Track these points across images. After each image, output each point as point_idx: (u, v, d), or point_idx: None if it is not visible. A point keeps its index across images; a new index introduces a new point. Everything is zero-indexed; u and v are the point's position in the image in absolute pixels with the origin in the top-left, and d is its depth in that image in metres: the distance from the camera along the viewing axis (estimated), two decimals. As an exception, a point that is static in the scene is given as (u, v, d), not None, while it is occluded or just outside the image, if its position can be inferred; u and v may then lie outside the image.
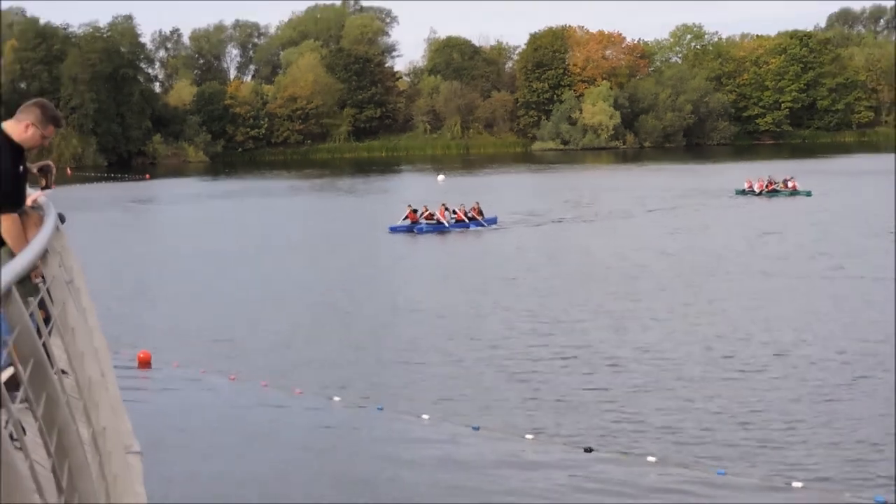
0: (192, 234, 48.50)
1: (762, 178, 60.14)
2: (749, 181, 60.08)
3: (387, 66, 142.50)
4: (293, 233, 47.28)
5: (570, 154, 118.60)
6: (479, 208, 47.34)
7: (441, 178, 78.77)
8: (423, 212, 46.36)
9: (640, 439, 16.10)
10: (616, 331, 23.94)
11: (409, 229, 45.33)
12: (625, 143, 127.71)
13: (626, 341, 22.79)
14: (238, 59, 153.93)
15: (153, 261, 39.16)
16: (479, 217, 46.78)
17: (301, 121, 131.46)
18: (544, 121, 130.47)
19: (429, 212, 46.48)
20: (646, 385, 19.20)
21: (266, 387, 19.59)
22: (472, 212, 47.00)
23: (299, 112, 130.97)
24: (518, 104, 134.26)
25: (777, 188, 58.82)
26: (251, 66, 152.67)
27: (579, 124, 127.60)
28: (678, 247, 38.30)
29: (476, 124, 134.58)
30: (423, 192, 58.08)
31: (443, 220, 46.05)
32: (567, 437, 16.26)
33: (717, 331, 23.58)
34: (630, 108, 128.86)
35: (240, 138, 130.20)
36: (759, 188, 58.88)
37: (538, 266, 35.01)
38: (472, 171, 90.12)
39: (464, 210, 47.00)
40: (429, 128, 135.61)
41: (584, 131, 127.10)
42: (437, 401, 18.43)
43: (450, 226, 45.86)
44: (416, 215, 46.06)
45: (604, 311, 26.36)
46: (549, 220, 48.97)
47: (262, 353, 22.65)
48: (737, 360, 20.97)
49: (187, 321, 26.72)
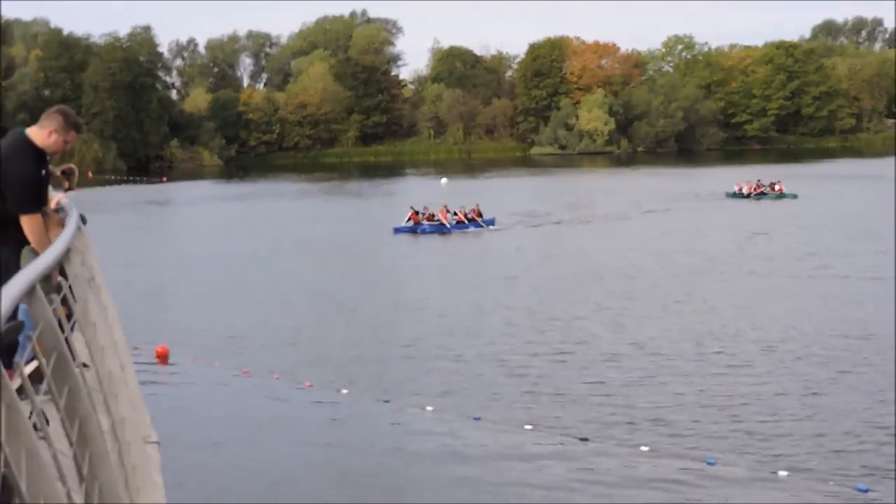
0: (207, 234, 48.50)
1: (751, 182, 60.24)
2: (739, 184, 60.24)
3: (392, 74, 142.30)
4: (303, 234, 47.23)
5: (567, 158, 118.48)
6: (479, 210, 47.33)
7: (444, 181, 78.53)
8: (424, 213, 46.35)
9: (633, 430, 16.11)
10: (611, 328, 23.93)
11: (412, 230, 45.31)
12: (619, 148, 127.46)
13: (620, 338, 22.78)
14: (251, 68, 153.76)
15: (170, 260, 39.16)
16: (479, 218, 46.77)
17: (311, 126, 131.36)
18: (542, 127, 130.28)
19: (429, 212, 46.49)
20: (639, 379, 19.21)
21: (277, 380, 19.61)
22: (471, 213, 46.99)
23: (309, 118, 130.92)
24: (517, 111, 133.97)
25: (765, 191, 58.96)
26: (263, 75, 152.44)
27: (576, 130, 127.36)
28: (672, 247, 38.20)
29: (477, 130, 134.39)
30: (428, 194, 57.99)
31: (444, 222, 46.04)
32: (564, 429, 16.27)
33: (708, 328, 23.57)
34: (624, 114, 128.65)
35: (252, 143, 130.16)
36: (748, 191, 59.06)
37: (537, 266, 34.99)
38: (474, 175, 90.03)
39: (464, 212, 47.00)
40: (432, 133, 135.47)
41: (581, 137, 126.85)
42: (439, 393, 18.44)
43: (451, 227, 45.83)
44: (419, 217, 46.05)
45: (600, 308, 26.35)
46: (548, 222, 48.92)
47: (274, 348, 22.66)
48: (726, 355, 20.97)
49: (203, 318, 26.74)
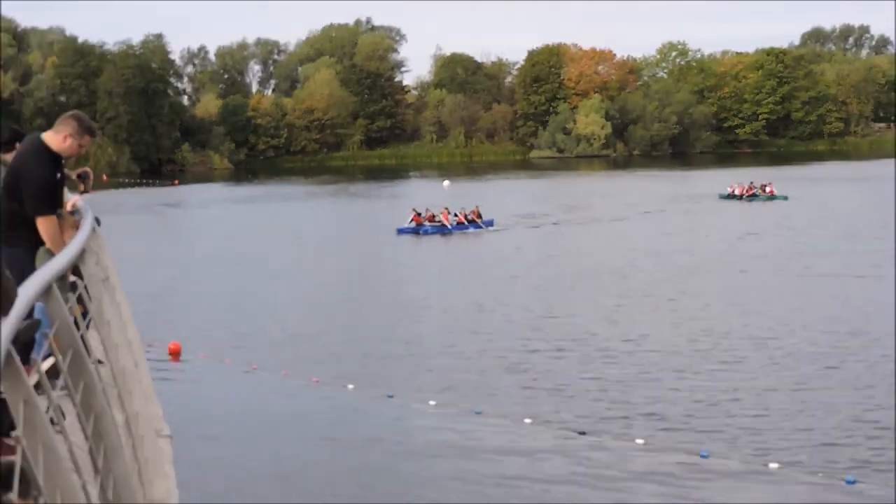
0: (218, 235, 48.47)
1: (743, 184, 60.27)
2: (732, 186, 60.26)
3: (396, 80, 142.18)
4: (309, 234, 47.24)
5: (565, 161, 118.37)
6: (479, 212, 47.31)
7: (447, 183, 78.38)
8: (426, 215, 46.33)
9: (629, 424, 16.10)
10: (608, 325, 23.92)
11: (414, 231, 45.29)
12: (615, 152, 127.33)
13: (617, 334, 22.77)
14: (259, 74, 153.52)
15: (182, 260, 39.15)
16: (479, 220, 46.76)
17: (317, 131, 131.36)
18: (541, 131, 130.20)
19: (431, 214, 46.48)
20: (635, 375, 19.20)
21: (285, 376, 19.61)
22: (471, 215, 46.97)
23: (316, 123, 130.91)
24: (517, 115, 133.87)
25: (756, 192, 59.01)
26: (272, 81, 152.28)
27: (573, 134, 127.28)
28: (667, 247, 38.14)
29: (478, 134, 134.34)
30: (430, 197, 57.94)
31: (446, 223, 46.02)
32: (562, 422, 16.27)
33: (702, 325, 23.56)
34: (620, 119, 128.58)
35: (261, 147, 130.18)
36: (740, 192, 59.17)
37: (536, 265, 34.98)
38: (475, 178, 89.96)
39: (464, 213, 46.98)
40: (435, 137, 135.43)
41: (578, 140, 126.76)
42: (442, 389, 18.43)
43: (452, 228, 45.81)
44: (421, 218, 46.04)
45: (597, 306, 26.33)
46: (547, 223, 48.88)
47: (282, 345, 22.66)
48: (719, 352, 20.95)
49: (214, 316, 26.75)
